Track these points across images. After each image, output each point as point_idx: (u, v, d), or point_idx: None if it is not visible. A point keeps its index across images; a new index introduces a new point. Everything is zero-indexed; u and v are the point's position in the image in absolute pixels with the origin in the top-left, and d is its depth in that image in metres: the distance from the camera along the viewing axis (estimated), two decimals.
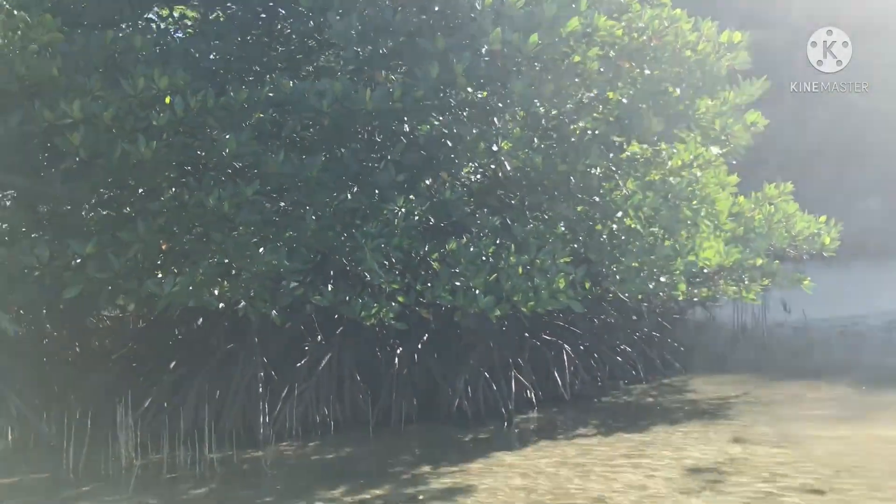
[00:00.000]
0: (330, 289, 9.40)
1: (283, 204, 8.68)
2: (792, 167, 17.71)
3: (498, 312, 8.56)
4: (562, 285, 9.04)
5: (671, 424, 9.40)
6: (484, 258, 9.19)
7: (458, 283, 8.79)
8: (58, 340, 12.30)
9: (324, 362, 9.75)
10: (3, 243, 8.20)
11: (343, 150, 8.82)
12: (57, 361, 11.48)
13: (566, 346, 11.30)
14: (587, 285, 10.92)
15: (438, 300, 8.77)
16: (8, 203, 9.09)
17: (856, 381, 12.33)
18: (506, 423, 9.65)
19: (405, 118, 8.65)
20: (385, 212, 8.87)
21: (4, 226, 8.32)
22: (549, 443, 8.71)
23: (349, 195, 8.78)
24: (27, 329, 11.50)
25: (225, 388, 9.55)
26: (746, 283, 12.32)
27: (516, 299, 8.85)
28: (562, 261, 9.44)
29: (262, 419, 8.99)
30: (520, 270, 9.11)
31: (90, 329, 12.78)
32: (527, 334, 11.01)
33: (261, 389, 9.26)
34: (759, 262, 11.76)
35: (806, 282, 11.92)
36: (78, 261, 8.00)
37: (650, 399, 11.26)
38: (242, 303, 8.66)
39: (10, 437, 8.99)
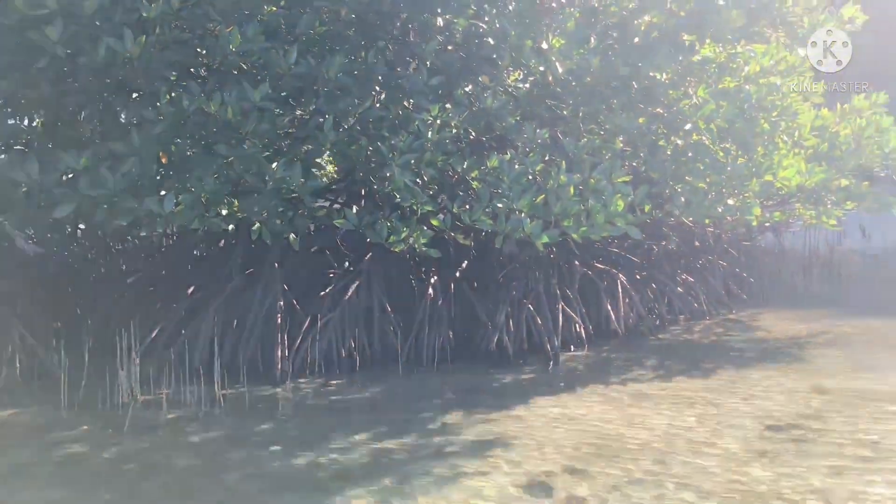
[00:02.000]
0: (355, 210, 8.37)
1: (299, 112, 7.55)
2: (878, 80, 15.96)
3: (546, 239, 7.42)
4: (620, 208, 7.84)
5: (740, 368, 8.27)
6: (531, 177, 8.01)
7: (500, 206, 7.63)
8: (85, 263, 11.56)
9: (350, 291, 8.75)
10: None
11: (368, 51, 7.59)
12: (79, 284, 10.72)
13: (621, 276, 10.12)
14: (647, 208, 9.72)
15: (477, 224, 7.65)
16: None
17: None
18: (551, 363, 8.58)
19: (439, 10, 7.35)
20: (416, 122, 7.70)
21: None
22: (599, 387, 7.66)
23: (376, 103, 7.61)
24: (52, 250, 10.78)
25: (242, 318, 8.66)
26: (828, 206, 10.91)
27: (566, 224, 7.70)
28: (619, 180, 8.22)
29: (279, 353, 8.08)
30: (571, 191, 7.92)
31: (118, 251, 12.02)
32: (577, 262, 9.85)
33: (279, 320, 8.31)
34: (845, 183, 10.34)
35: None
36: (70, 176, 7.08)
37: (714, 337, 10.09)
38: (257, 224, 7.65)
39: (17, 366, 8.25)
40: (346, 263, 9.27)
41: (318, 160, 7.63)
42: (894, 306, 12.73)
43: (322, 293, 8.82)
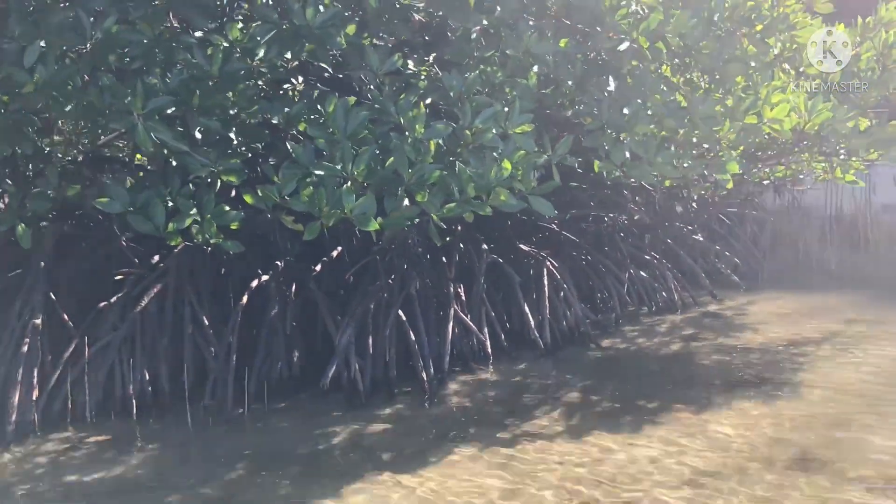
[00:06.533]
0: (129, 184, 5.92)
1: None
2: None
3: (375, 225, 4.90)
4: (506, 171, 5.31)
5: (699, 409, 5.70)
6: (389, 130, 5.52)
7: (320, 173, 5.16)
8: None
9: (145, 301, 6.31)
10: None
11: None
12: None
13: (549, 262, 7.53)
14: (596, 166, 7.18)
15: (289, 202, 5.19)
16: None
17: None
18: (426, 396, 6.10)
19: None
20: (192, 49, 5.21)
21: None
22: (481, 441, 5.23)
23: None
24: None
25: None
26: (842, 157, 8.24)
27: (421, 199, 5.19)
28: (517, 130, 5.68)
29: (16, 396, 5.69)
30: (432, 147, 5.38)
31: None
32: (485, 246, 7.29)
33: (26, 346, 5.90)
34: (865, 124, 7.66)
35: None
36: None
37: (679, 344, 7.55)
38: None
39: None
40: (157, 258, 6.80)
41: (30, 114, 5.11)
42: None
43: (104, 303, 6.37)
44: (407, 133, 5.39)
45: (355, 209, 4.96)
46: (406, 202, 5.30)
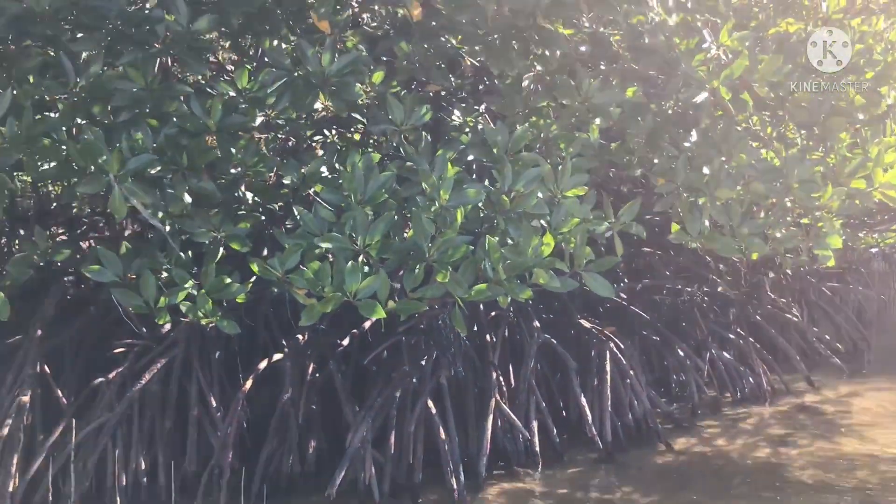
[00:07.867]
0: (124, 249, 5.22)
1: None
2: None
3: (382, 313, 4.05)
4: (547, 248, 4.41)
5: None
6: (418, 193, 4.74)
7: (325, 247, 4.39)
8: None
9: (146, 378, 5.60)
10: None
11: None
12: None
13: (614, 341, 6.48)
14: (673, 229, 6.16)
15: (291, 280, 4.42)
16: None
17: None
18: None
19: None
20: (178, 100, 4.54)
21: None
22: None
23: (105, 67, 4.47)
24: None
25: None
26: None
27: (442, 279, 4.31)
28: (569, 193, 4.80)
29: None
30: (459, 217, 4.50)
31: None
32: (537, 322, 6.33)
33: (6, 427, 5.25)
34: None
35: None
36: None
37: (766, 448, 6.35)
38: None
39: None
40: (167, 328, 6.09)
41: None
42: None
43: (99, 380, 5.69)
44: (430, 198, 4.54)
45: (361, 291, 4.12)
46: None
